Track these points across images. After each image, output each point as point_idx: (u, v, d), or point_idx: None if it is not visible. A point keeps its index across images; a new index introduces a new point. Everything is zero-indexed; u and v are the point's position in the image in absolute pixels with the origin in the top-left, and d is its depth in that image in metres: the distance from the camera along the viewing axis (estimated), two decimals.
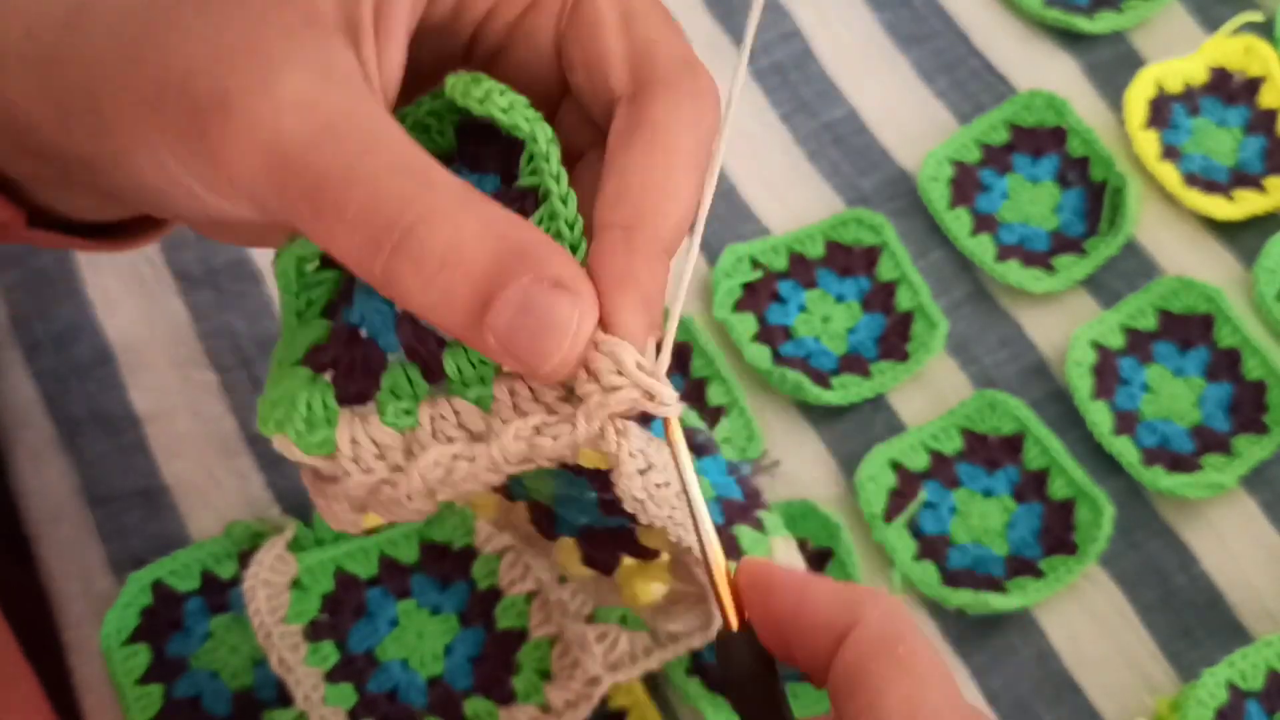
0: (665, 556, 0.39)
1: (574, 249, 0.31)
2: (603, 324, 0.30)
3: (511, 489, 0.39)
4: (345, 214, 0.28)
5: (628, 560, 0.40)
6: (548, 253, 0.29)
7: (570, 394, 0.31)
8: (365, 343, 0.33)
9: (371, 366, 0.33)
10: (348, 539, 0.50)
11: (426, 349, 0.32)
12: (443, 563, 0.50)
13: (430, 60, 0.34)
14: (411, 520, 0.35)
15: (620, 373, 0.29)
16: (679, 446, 0.31)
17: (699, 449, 0.45)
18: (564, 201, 0.31)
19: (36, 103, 0.34)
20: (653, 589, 0.40)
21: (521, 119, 0.32)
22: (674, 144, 0.32)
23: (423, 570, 0.50)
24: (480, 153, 0.34)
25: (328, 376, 0.33)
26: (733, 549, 0.42)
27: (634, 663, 0.46)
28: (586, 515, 0.38)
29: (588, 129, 0.34)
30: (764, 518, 0.44)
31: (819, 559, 0.52)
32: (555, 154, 0.32)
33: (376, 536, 0.50)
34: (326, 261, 0.35)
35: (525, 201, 0.32)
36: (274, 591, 0.48)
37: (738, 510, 0.44)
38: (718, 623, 0.36)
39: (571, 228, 0.31)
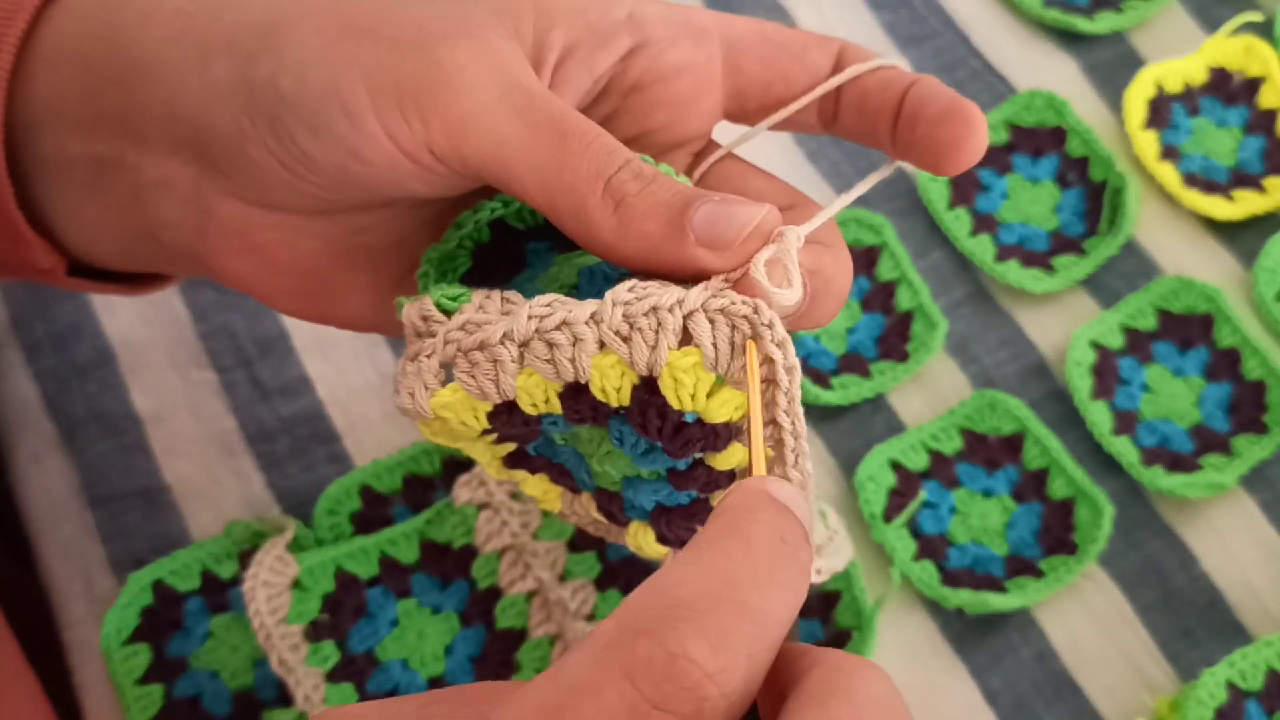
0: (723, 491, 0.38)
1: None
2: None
3: (577, 479, 0.39)
4: (587, 139, 0.34)
5: None
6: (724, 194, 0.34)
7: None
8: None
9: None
10: (348, 540, 0.50)
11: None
12: (443, 562, 0.50)
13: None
14: (471, 413, 0.35)
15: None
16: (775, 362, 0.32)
17: None
18: None
19: (166, 37, 0.36)
20: None
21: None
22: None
23: (423, 570, 0.50)
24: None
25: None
26: None
27: None
28: (657, 494, 0.38)
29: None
30: None
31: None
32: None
33: (376, 537, 0.50)
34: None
35: None
36: (274, 592, 0.48)
37: None
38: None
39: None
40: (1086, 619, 0.52)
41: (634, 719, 0.24)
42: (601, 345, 0.33)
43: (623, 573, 0.50)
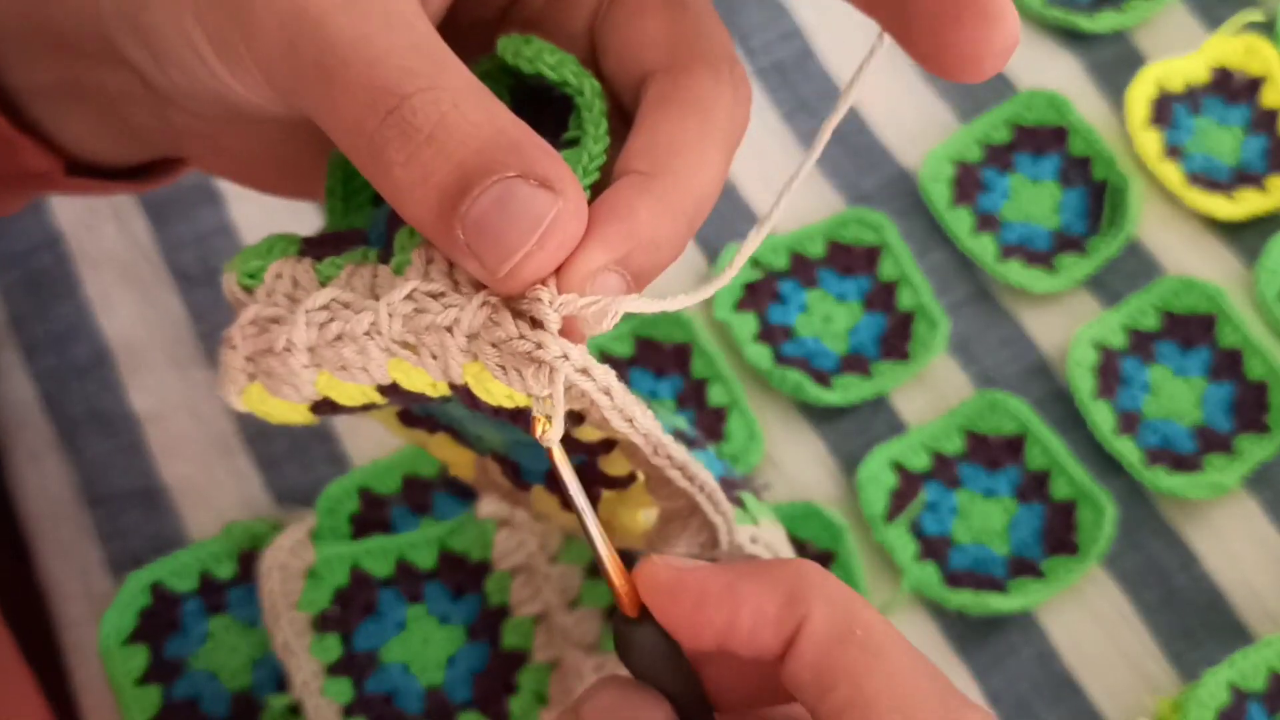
0: (640, 477, 0.36)
1: (587, 188, 0.29)
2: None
3: (471, 443, 0.38)
4: (348, 76, 0.27)
5: (606, 494, 0.37)
6: (543, 153, 0.27)
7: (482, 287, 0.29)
8: (359, 235, 0.33)
9: (343, 243, 0.32)
10: (369, 538, 0.50)
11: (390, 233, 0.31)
12: (458, 573, 0.50)
13: (466, 23, 0.34)
14: (290, 408, 0.32)
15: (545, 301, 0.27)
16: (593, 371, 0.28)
17: (689, 443, 0.44)
18: (596, 141, 0.30)
19: None
20: (640, 516, 0.38)
21: (570, 74, 0.31)
22: (711, 116, 0.30)
23: (438, 578, 0.50)
24: (535, 119, 0.32)
25: (301, 237, 0.33)
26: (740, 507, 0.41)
27: None
28: (542, 459, 0.34)
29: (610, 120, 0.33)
30: (745, 498, 0.43)
31: (821, 561, 0.52)
32: (599, 105, 0.31)
33: (397, 539, 0.50)
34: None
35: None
36: (289, 576, 0.48)
37: (739, 484, 0.43)
38: (727, 538, 0.35)
39: (591, 164, 0.30)
40: (1088, 620, 0.51)
41: None
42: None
43: None
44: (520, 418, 0.30)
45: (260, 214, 0.58)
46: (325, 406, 0.31)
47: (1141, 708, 0.50)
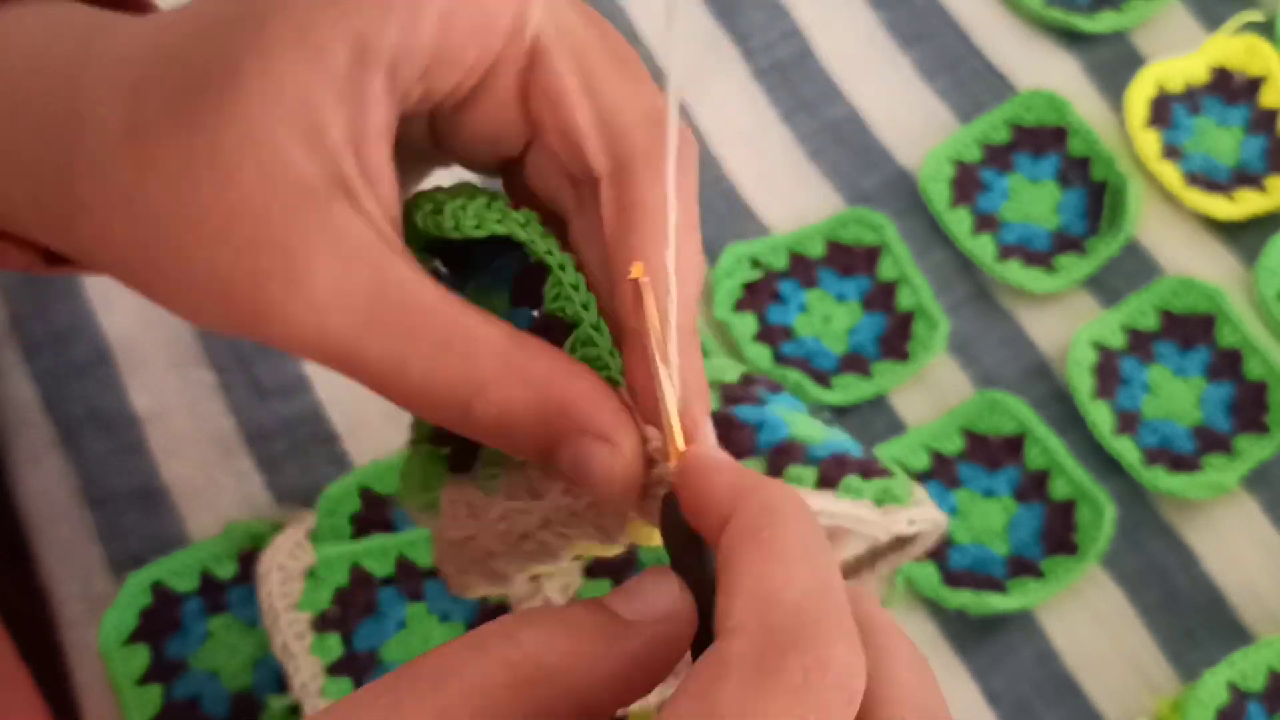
0: None
1: (609, 370, 0.32)
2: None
3: None
4: (410, 402, 0.31)
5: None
6: (588, 406, 0.31)
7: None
8: None
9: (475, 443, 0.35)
10: (369, 537, 0.50)
11: None
12: None
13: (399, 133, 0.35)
14: (501, 591, 0.37)
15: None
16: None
17: (826, 422, 0.45)
18: (585, 308, 0.32)
19: (48, 238, 0.35)
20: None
21: (495, 225, 0.32)
22: (661, 218, 0.32)
23: (437, 576, 0.50)
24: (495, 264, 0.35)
25: (446, 453, 0.35)
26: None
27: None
28: None
29: (559, 175, 0.35)
30: (895, 475, 0.43)
31: None
32: (538, 233, 0.32)
33: (397, 537, 0.50)
34: None
35: (554, 327, 0.33)
36: (288, 577, 0.48)
37: (856, 465, 0.43)
38: (886, 535, 0.39)
39: (612, 357, 0.32)
40: (1088, 620, 0.51)
41: None
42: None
43: None
44: None
45: None
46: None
47: (1141, 707, 0.50)
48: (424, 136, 0.35)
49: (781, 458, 0.40)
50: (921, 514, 0.42)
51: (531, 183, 0.35)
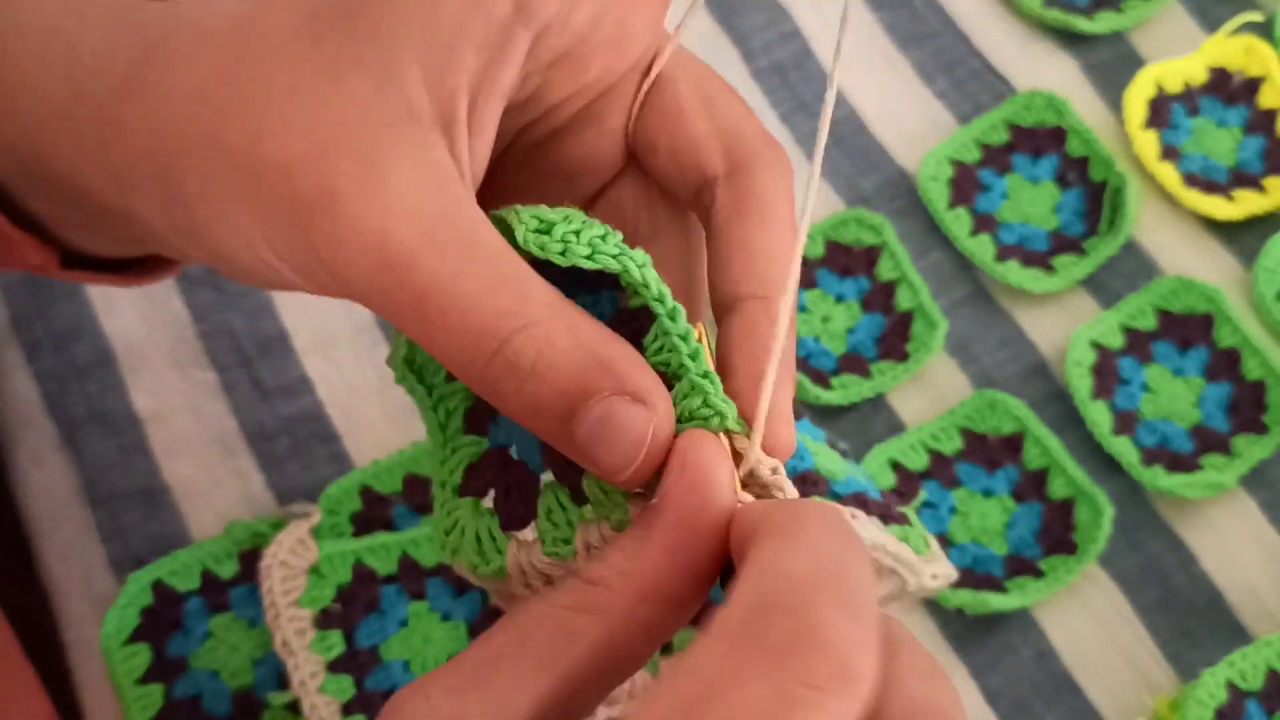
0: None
1: (692, 357, 0.31)
2: (736, 396, 0.31)
3: None
4: (448, 322, 0.30)
5: None
6: (630, 367, 0.30)
7: None
8: (516, 465, 0.34)
9: (526, 491, 0.33)
10: (372, 535, 0.50)
11: (569, 472, 0.32)
12: None
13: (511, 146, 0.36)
14: None
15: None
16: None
17: (843, 454, 0.45)
18: (672, 319, 0.31)
19: (88, 166, 0.33)
20: None
21: (608, 260, 0.31)
22: (780, 212, 0.34)
23: (440, 575, 0.50)
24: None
25: (489, 503, 0.34)
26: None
27: (632, 698, 0.46)
28: None
29: (649, 207, 0.36)
30: (912, 522, 0.43)
31: None
32: (654, 279, 0.31)
33: (400, 536, 0.50)
34: None
35: (639, 320, 0.32)
36: (290, 573, 0.48)
37: (873, 505, 0.43)
38: (915, 582, 0.40)
39: (685, 340, 0.31)
40: (1086, 619, 0.52)
41: (785, 705, 0.23)
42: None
43: None
44: None
45: None
46: None
47: (1140, 707, 0.50)
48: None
49: (805, 487, 0.40)
50: (944, 570, 0.42)
51: (601, 215, 0.35)
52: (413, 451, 0.52)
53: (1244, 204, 0.59)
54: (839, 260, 0.58)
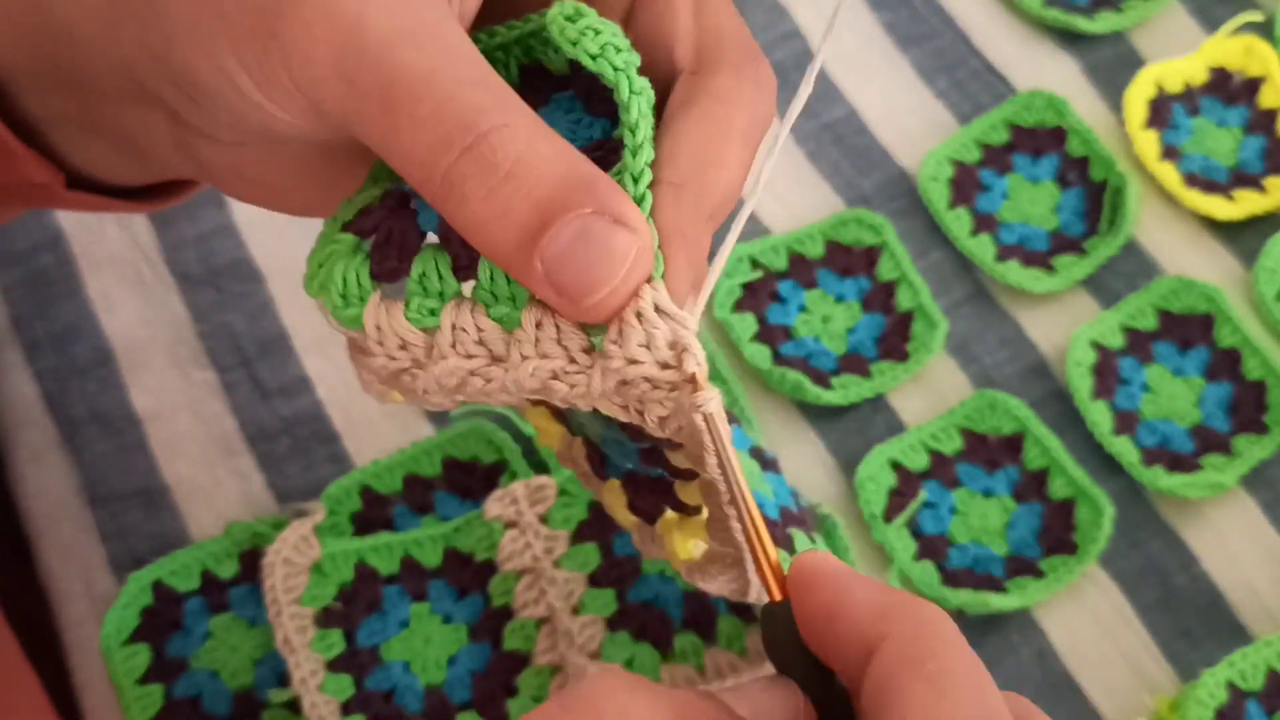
0: (704, 514, 0.37)
1: (637, 201, 0.30)
2: None
3: (569, 422, 0.38)
4: (418, 111, 0.28)
5: (670, 513, 0.39)
6: (614, 190, 0.29)
7: (593, 348, 0.30)
8: (409, 214, 0.32)
9: (408, 242, 0.32)
10: (375, 535, 0.50)
11: (464, 242, 0.31)
12: (463, 572, 0.50)
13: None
14: (438, 409, 0.34)
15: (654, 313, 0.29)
16: (718, 420, 0.30)
17: (766, 464, 0.45)
18: (634, 155, 0.30)
19: (80, 7, 0.32)
20: (691, 546, 0.39)
21: (609, 66, 0.30)
22: (730, 116, 0.32)
23: (443, 576, 0.50)
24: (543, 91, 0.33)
25: (368, 247, 0.32)
26: (787, 547, 0.42)
27: None
28: (629, 461, 0.37)
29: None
30: (796, 539, 0.44)
31: None
32: (638, 104, 0.31)
33: (403, 536, 0.50)
34: None
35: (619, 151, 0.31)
36: (293, 571, 0.48)
37: (795, 519, 0.44)
38: (756, 590, 0.36)
39: (637, 181, 0.30)
40: (1087, 619, 0.51)
41: None
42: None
43: (637, 616, 0.49)
44: (630, 426, 0.31)
45: (262, 214, 0.58)
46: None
47: (1140, 707, 0.50)
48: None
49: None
50: None
51: None
52: (413, 451, 0.52)
53: (1244, 204, 0.59)
54: (839, 260, 0.58)
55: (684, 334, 0.29)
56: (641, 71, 0.32)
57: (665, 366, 0.29)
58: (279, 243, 0.58)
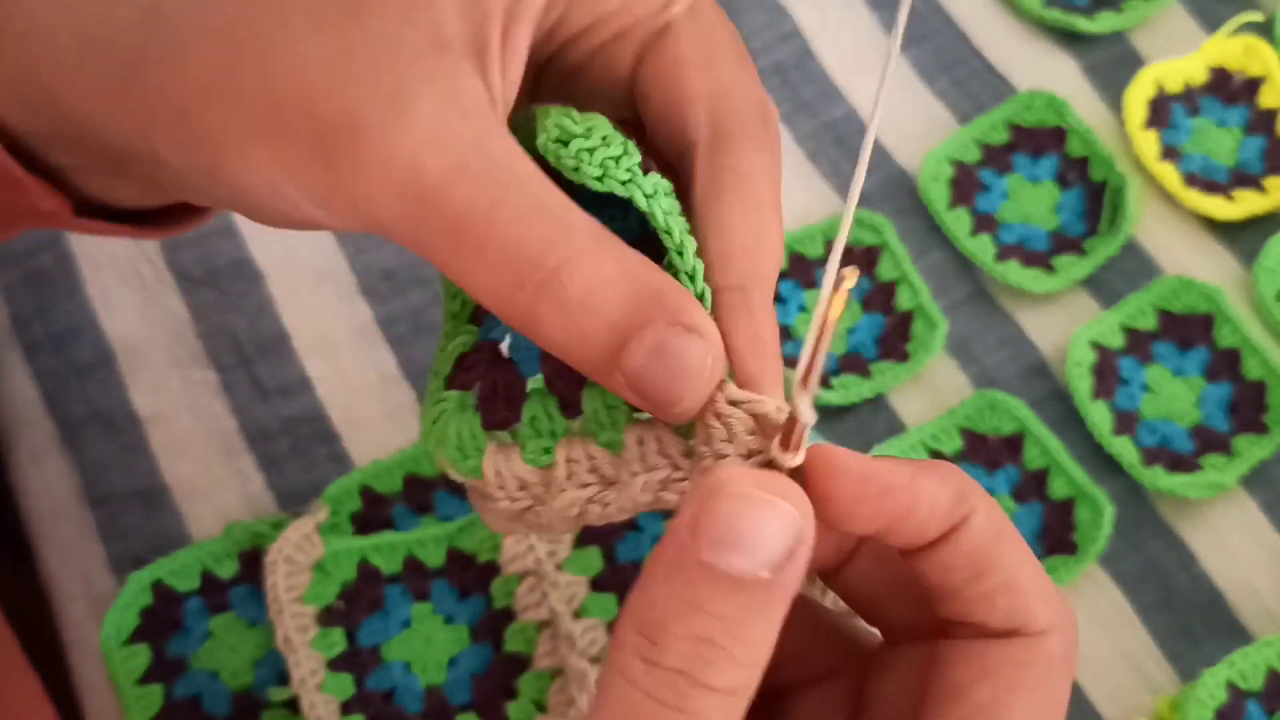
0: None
1: (699, 298, 0.31)
2: (744, 387, 0.30)
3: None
4: (487, 253, 0.29)
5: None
6: (681, 298, 0.30)
7: (692, 450, 0.31)
8: (506, 364, 0.33)
9: (513, 393, 0.33)
10: (377, 534, 0.50)
11: (565, 383, 0.32)
12: (465, 573, 0.50)
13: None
14: (564, 534, 0.36)
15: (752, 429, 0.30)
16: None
17: None
18: (680, 254, 0.31)
19: (106, 110, 0.33)
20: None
21: (617, 184, 0.31)
22: (761, 197, 0.32)
23: (445, 577, 0.50)
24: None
25: (473, 399, 0.33)
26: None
27: None
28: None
29: (653, 157, 0.35)
30: None
31: None
32: (659, 207, 0.31)
33: (406, 535, 0.50)
34: None
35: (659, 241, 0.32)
36: (295, 569, 0.48)
37: None
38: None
39: (693, 279, 0.31)
40: (1087, 619, 0.51)
41: None
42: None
43: None
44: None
45: None
46: None
47: (1140, 707, 0.50)
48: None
49: None
50: None
51: None
52: (413, 451, 0.52)
53: (1244, 204, 0.59)
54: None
55: (762, 408, 0.30)
56: (651, 148, 0.32)
57: (751, 454, 0.30)
58: (279, 243, 0.58)
